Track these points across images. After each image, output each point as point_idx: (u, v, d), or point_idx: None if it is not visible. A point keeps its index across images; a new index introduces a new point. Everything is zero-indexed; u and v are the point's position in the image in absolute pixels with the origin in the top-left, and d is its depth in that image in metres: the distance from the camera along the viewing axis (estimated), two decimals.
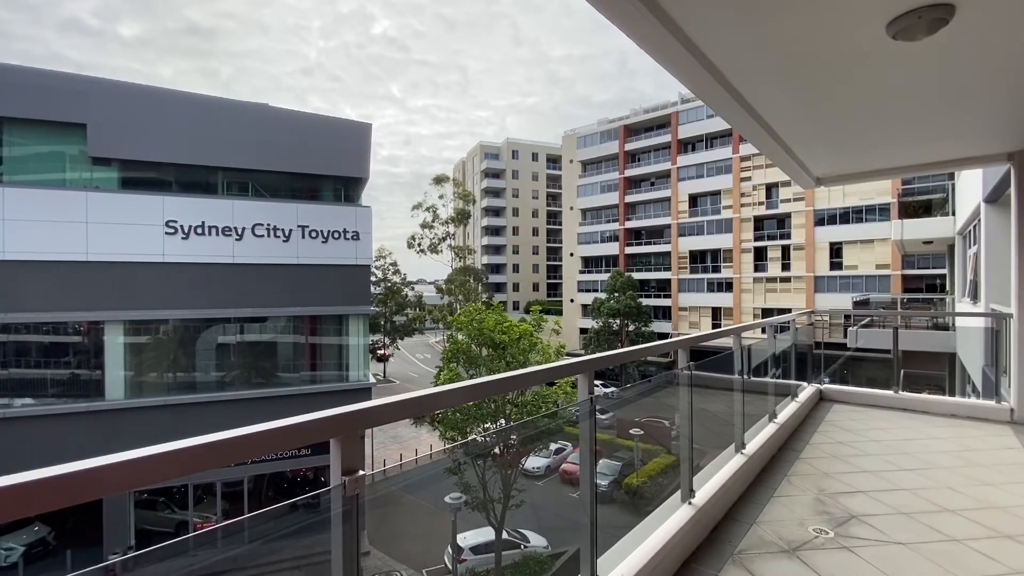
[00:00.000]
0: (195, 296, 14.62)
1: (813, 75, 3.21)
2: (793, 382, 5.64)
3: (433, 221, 45.02)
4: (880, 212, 33.34)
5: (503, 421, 15.18)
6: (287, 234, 15.69)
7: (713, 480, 3.25)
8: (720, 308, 40.82)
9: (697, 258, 42.94)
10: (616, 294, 39.90)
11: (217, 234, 14.83)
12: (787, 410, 5.00)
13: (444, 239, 45.84)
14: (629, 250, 47.36)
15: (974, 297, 9.58)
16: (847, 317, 14.02)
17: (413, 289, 47.47)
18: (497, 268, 63.71)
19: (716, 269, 41.62)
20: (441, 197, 46.01)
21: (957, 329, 10.92)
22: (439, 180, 45.22)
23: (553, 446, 20.50)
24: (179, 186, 15.45)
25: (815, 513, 3.23)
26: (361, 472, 1.21)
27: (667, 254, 44.60)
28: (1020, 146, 4.89)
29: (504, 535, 13.19)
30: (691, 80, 3.02)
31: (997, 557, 2.67)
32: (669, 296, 43.85)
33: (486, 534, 13.19)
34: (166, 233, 14.28)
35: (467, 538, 13.10)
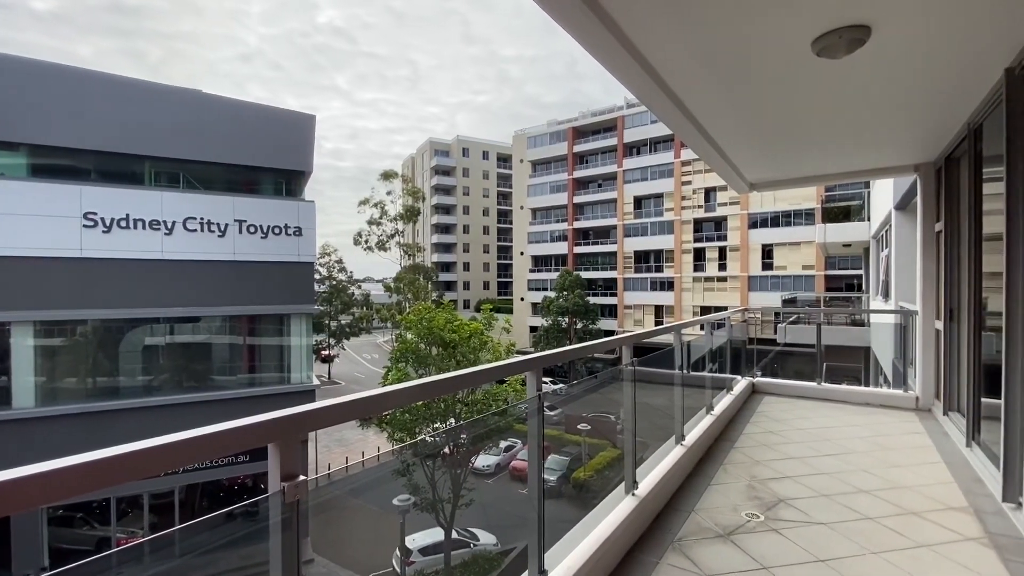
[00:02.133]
0: (118, 294, 13.51)
1: (747, 86, 3.41)
2: (728, 376, 5.96)
3: (381, 218, 43.95)
4: (806, 217, 35.87)
5: (453, 420, 15.09)
6: (223, 229, 14.81)
7: (655, 471, 3.38)
8: (662, 306, 42.52)
9: (641, 258, 44.49)
10: (565, 293, 40.65)
11: (144, 227, 13.77)
12: (723, 402, 5.28)
13: (393, 236, 44.85)
14: (578, 250, 48.35)
15: (886, 296, 10.50)
16: (777, 314, 14.98)
17: (360, 287, 46.13)
18: (447, 266, 63.19)
19: (659, 269, 43.31)
20: (389, 193, 44.99)
21: (871, 325, 11.93)
22: (387, 176, 44.19)
23: (503, 444, 20.61)
24: (99, 175, 14.21)
25: (748, 499, 3.43)
26: (302, 477, 1.17)
27: (613, 254, 45.92)
28: (924, 159, 5.40)
29: (454, 535, 13.11)
30: (634, 85, 3.12)
31: (904, 532, 2.95)
32: (615, 295, 45.16)
33: (435, 535, 13.06)
34: (84, 226, 13.10)
35: (416, 540, 12.93)
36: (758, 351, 7.05)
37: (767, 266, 38.00)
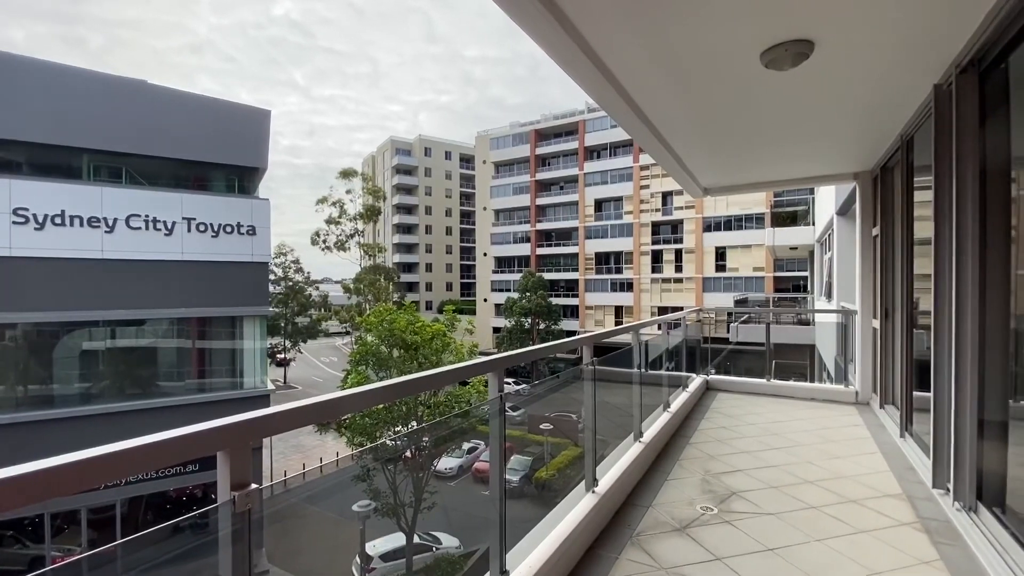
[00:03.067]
0: (53, 296, 12.60)
1: (701, 94, 3.53)
2: (684, 374, 6.15)
3: (340, 217, 42.92)
4: (757, 221, 37.51)
5: (415, 424, 14.89)
6: (170, 227, 14.06)
7: (615, 468, 3.45)
8: (622, 307, 43.46)
9: (602, 260, 45.32)
10: (528, 294, 40.89)
11: (82, 225, 12.90)
12: (679, 400, 5.45)
13: (352, 236, 43.87)
14: (540, 251, 48.74)
15: (829, 296, 11.10)
16: (729, 314, 15.60)
17: (318, 288, 44.87)
18: (409, 267, 62.34)
19: (619, 270, 44.24)
20: (349, 192, 44.00)
21: (816, 324, 12.60)
22: (347, 174, 43.18)
23: (466, 446, 20.51)
24: (32, 168, 13.24)
25: (702, 492, 3.55)
26: (254, 486, 1.13)
27: (575, 255, 46.57)
28: (862, 168, 5.75)
29: (416, 539, 12.94)
30: (593, 89, 3.18)
31: (845, 519, 3.13)
32: (577, 295, 45.80)
33: (397, 540, 12.85)
34: (14, 223, 12.15)
35: (376, 546, 12.68)
36: (712, 350, 7.32)
37: (720, 268, 39.51)
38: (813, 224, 17.17)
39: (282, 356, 39.93)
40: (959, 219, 2.95)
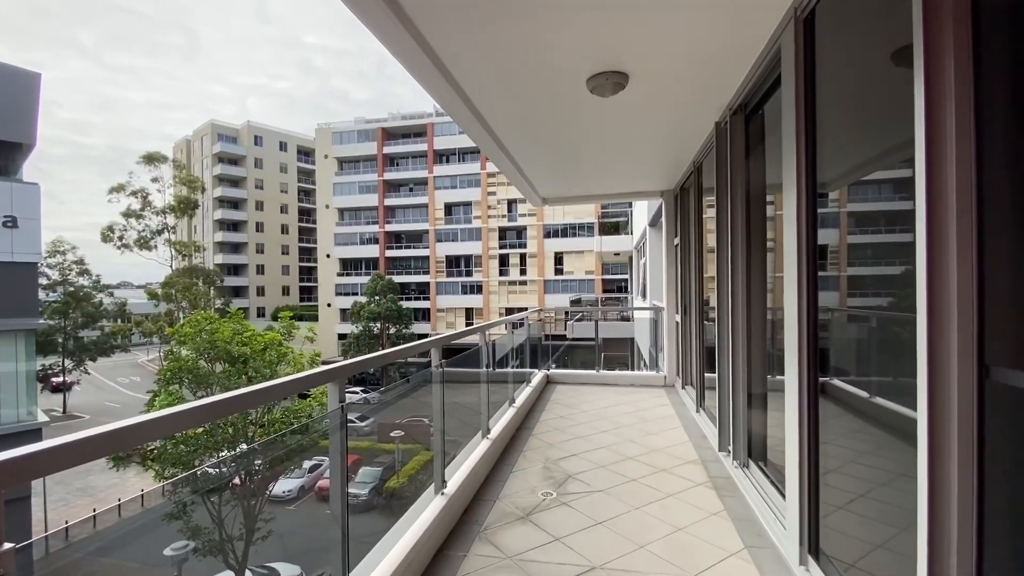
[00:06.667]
0: None
1: (538, 110, 3.81)
2: (528, 370, 6.55)
3: (143, 210, 36.23)
4: (588, 230, 41.78)
5: (245, 446, 13.25)
6: None
7: (463, 467, 3.52)
8: (472, 309, 44.52)
9: (453, 263, 45.84)
10: (377, 297, 39.34)
11: None
12: (523, 394, 5.78)
13: (160, 232, 37.35)
14: (390, 253, 47.33)
15: (644, 296, 12.85)
16: (566, 313, 17.11)
17: (112, 295, 37.04)
18: (236, 269, 55.24)
19: (469, 273, 45.25)
20: (156, 181, 37.39)
21: (634, 320, 14.47)
22: (152, 159, 36.66)
23: (307, 464, 18.90)
24: None
25: (543, 479, 3.82)
26: (8, 546, 0.90)
27: (426, 258, 46.29)
28: (667, 187, 6.78)
29: (248, 575, 11.51)
30: (437, 92, 3.23)
31: (657, 487, 3.65)
32: (428, 298, 45.57)
33: None
34: None
35: None
36: (552, 346, 7.92)
37: (559, 271, 43.11)
38: (631, 233, 19.68)
39: (58, 380, 32.10)
40: (732, 232, 3.67)
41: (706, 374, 5.16)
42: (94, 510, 19.79)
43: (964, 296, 1.33)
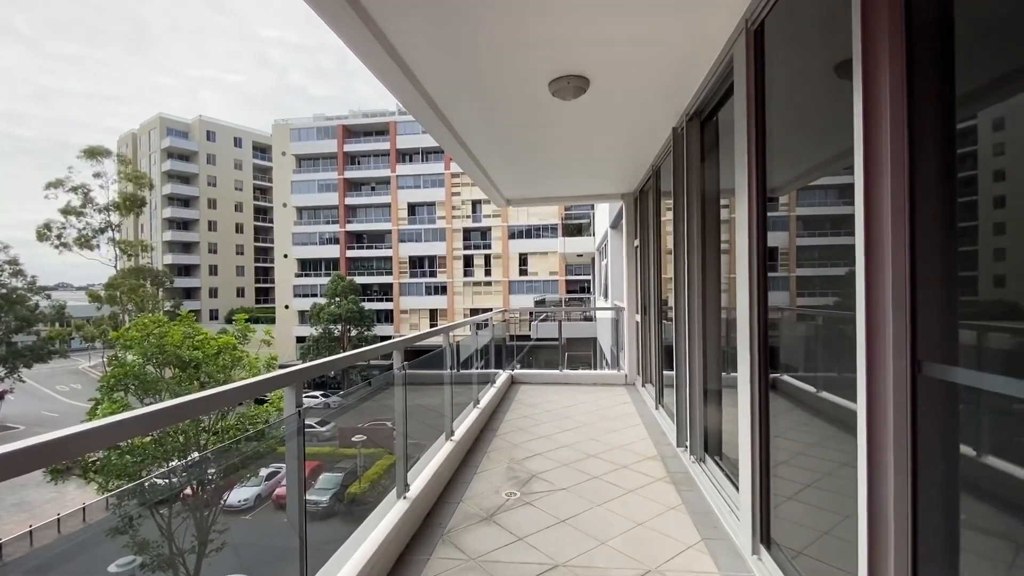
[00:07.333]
0: None
1: (501, 112, 3.82)
2: (492, 371, 6.55)
3: (84, 206, 34.11)
4: (552, 231, 42.18)
5: (197, 454, 12.66)
6: None
7: (427, 470, 3.49)
8: (437, 310, 44.12)
9: (416, 263, 45.30)
10: (338, 299, 38.38)
11: None
12: (488, 395, 5.78)
13: (103, 231, 35.26)
14: (351, 253, 46.30)
15: (606, 296, 13.08)
16: (531, 314, 17.22)
17: (49, 297, 34.67)
18: (187, 270, 52.74)
19: (433, 274, 44.83)
20: (98, 176, 35.26)
21: (597, 320, 14.73)
22: (95, 153, 34.57)
23: (264, 471, 18.23)
24: None
25: (507, 480, 3.83)
26: None
27: (389, 259, 45.54)
28: (627, 190, 6.92)
29: None
30: (399, 91, 3.19)
31: (618, 483, 3.71)
32: (391, 300, 44.85)
33: None
34: None
35: None
36: (517, 346, 7.95)
37: (523, 272, 43.29)
38: (594, 235, 19.99)
39: None
40: (688, 235, 3.78)
41: (665, 372, 5.29)
42: (30, 526, 18.46)
43: (898, 296, 1.43)
